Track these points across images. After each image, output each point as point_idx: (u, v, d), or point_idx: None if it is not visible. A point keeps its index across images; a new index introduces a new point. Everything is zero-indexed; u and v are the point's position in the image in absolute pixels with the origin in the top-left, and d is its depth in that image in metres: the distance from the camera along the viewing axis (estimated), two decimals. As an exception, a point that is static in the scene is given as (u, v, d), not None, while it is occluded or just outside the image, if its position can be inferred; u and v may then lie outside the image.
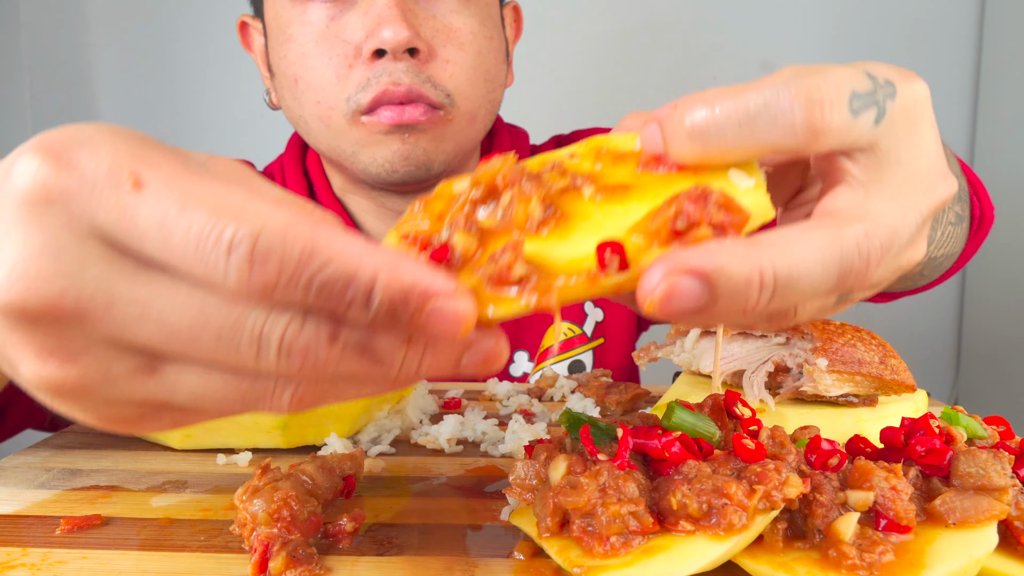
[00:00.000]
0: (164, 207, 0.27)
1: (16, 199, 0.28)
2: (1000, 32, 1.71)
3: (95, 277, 0.28)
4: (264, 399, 0.31)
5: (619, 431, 0.40)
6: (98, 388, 0.29)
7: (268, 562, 0.39)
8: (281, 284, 0.27)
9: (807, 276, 0.30)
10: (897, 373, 0.56)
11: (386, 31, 0.79)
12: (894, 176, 0.35)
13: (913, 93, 0.36)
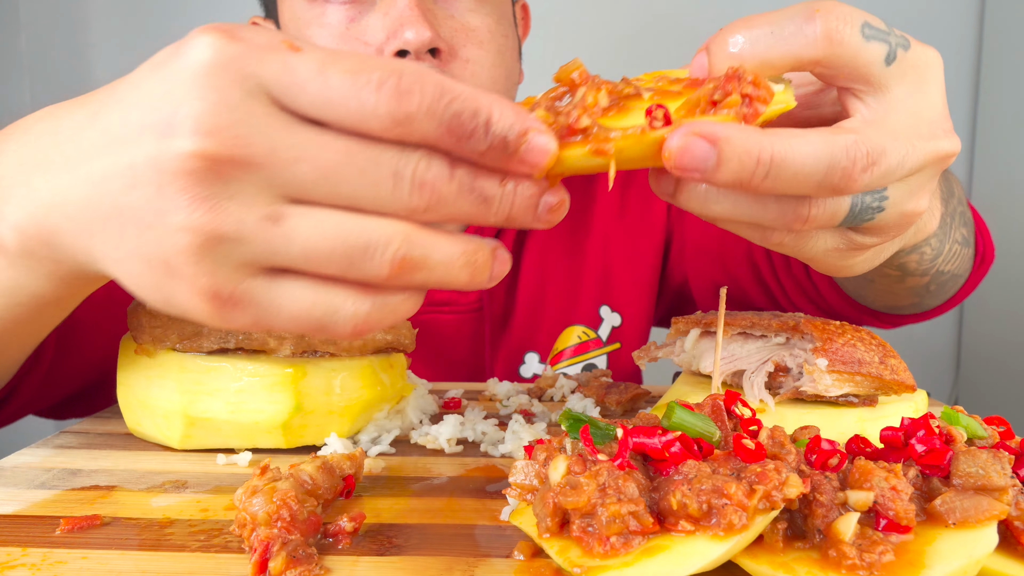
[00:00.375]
0: (320, 60, 0.34)
1: (194, 66, 0.34)
2: (1000, 32, 1.71)
3: (261, 127, 0.34)
4: (374, 249, 0.35)
5: (619, 431, 0.40)
6: (227, 240, 0.34)
7: (268, 562, 0.39)
8: (420, 114, 0.33)
9: (799, 162, 0.37)
10: (897, 373, 0.56)
11: (408, 32, 0.78)
12: (896, 119, 0.40)
13: (926, 54, 0.41)
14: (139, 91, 0.37)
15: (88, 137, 0.39)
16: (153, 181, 0.35)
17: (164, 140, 0.34)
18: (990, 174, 1.73)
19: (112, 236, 0.38)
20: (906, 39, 0.41)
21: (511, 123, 0.34)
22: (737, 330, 0.60)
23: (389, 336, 0.64)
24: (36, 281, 0.46)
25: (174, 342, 0.59)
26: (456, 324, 0.98)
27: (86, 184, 0.38)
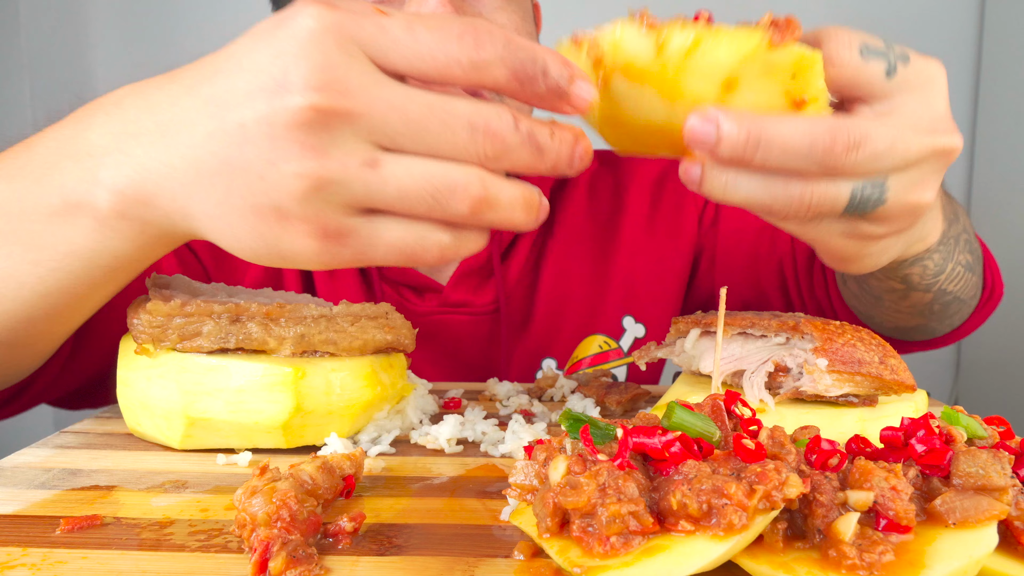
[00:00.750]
0: (407, 20, 0.40)
1: (301, 33, 0.39)
2: (1000, 32, 1.71)
3: (361, 83, 0.39)
4: (456, 190, 0.41)
5: (619, 431, 0.40)
6: (333, 183, 0.40)
7: (268, 562, 0.39)
8: (494, 60, 0.40)
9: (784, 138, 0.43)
10: (897, 373, 0.56)
11: None
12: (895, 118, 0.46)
13: (928, 67, 0.48)
14: (244, 60, 0.42)
15: (188, 106, 0.44)
16: (266, 135, 0.40)
17: (277, 98, 0.39)
18: (990, 174, 1.73)
19: (217, 193, 0.43)
20: (906, 54, 0.46)
21: (562, 70, 0.41)
22: (737, 330, 0.60)
23: (389, 336, 0.64)
24: (121, 243, 0.50)
25: (174, 342, 0.59)
26: (472, 325, 0.97)
27: (189, 148, 0.43)
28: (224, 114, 0.42)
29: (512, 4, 0.86)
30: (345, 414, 0.61)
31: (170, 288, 0.64)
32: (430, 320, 0.96)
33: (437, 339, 0.96)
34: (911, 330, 0.84)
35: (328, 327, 0.61)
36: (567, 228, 1.02)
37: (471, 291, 0.97)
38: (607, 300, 1.01)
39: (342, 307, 0.64)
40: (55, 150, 0.50)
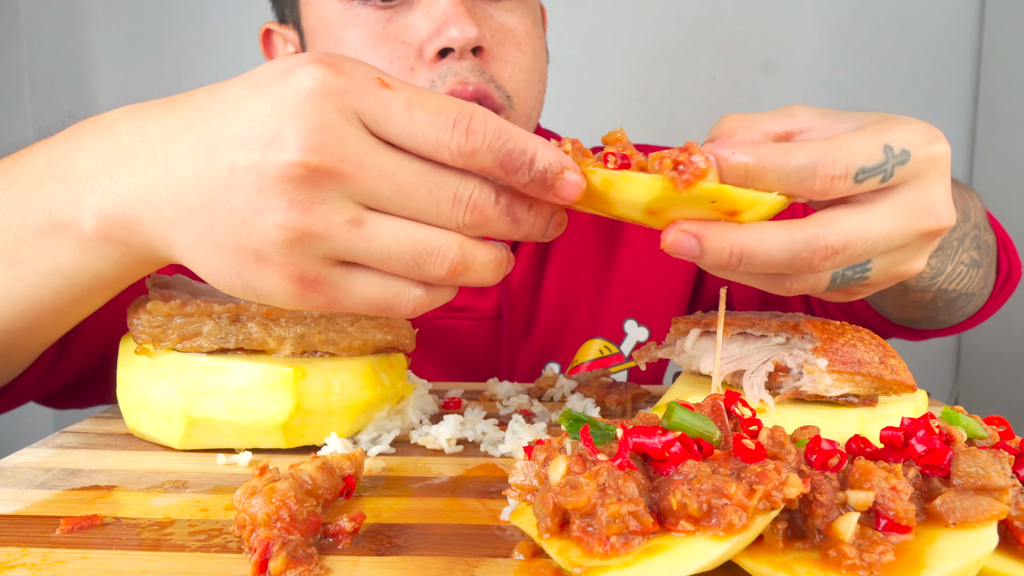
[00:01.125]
0: (407, 97, 0.42)
1: (302, 93, 0.41)
2: (1000, 32, 1.71)
3: (354, 147, 0.41)
4: (436, 255, 0.43)
5: (619, 431, 0.40)
6: (316, 237, 0.42)
7: (268, 562, 0.39)
8: (482, 150, 0.42)
9: (764, 254, 0.45)
10: (897, 373, 0.56)
11: (453, 29, 0.77)
12: (889, 204, 0.47)
13: (930, 155, 0.47)
14: (241, 107, 0.43)
15: (181, 140, 0.45)
16: (254, 184, 0.42)
17: (270, 150, 0.41)
18: (990, 174, 1.73)
19: (199, 228, 0.44)
20: (906, 153, 0.46)
21: (551, 162, 0.43)
22: (737, 330, 0.60)
23: (389, 336, 0.64)
24: (103, 264, 0.51)
25: (174, 342, 0.59)
26: (473, 330, 0.96)
27: (177, 181, 0.45)
28: (216, 155, 0.43)
29: (523, 7, 0.86)
30: (345, 414, 0.61)
31: (170, 288, 0.64)
32: (433, 325, 0.95)
33: (440, 344, 0.96)
34: (919, 320, 0.85)
35: (328, 327, 0.61)
36: (571, 231, 1.02)
37: (474, 295, 0.96)
38: (609, 303, 1.00)
39: (342, 307, 0.64)
40: (44, 168, 0.51)
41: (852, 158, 0.45)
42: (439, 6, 0.79)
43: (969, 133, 1.80)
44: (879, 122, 0.48)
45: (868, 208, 0.47)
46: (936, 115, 1.79)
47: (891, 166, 0.46)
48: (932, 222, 0.48)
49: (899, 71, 1.79)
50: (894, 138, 0.47)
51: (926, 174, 0.48)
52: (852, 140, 0.46)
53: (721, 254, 0.45)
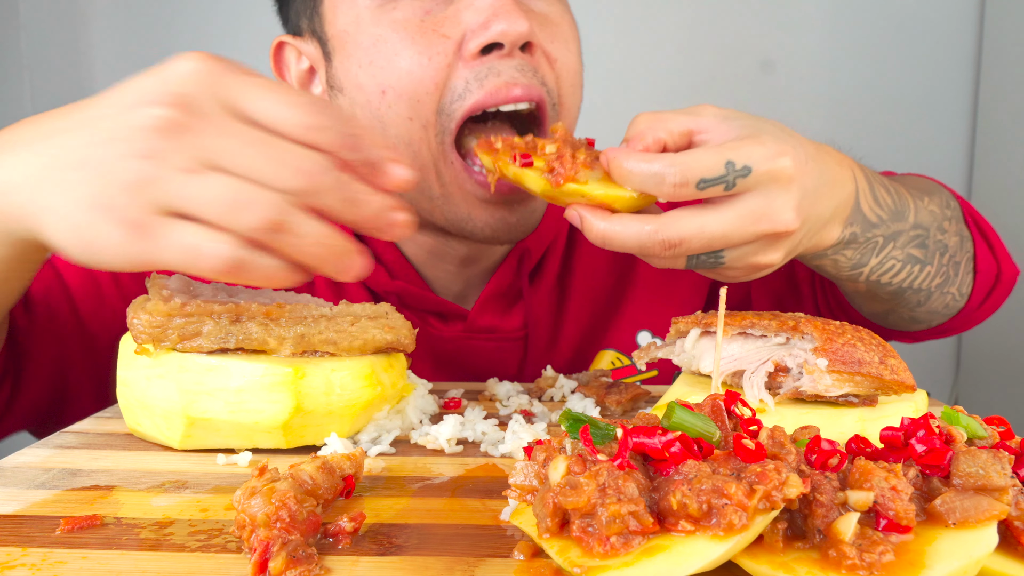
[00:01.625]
0: (269, 85, 0.49)
1: (176, 69, 0.48)
2: (1000, 32, 1.71)
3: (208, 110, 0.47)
4: (251, 206, 0.46)
5: (619, 431, 0.40)
6: (158, 180, 0.46)
7: (268, 562, 0.39)
8: (326, 128, 0.48)
9: (620, 241, 0.60)
10: (897, 373, 0.56)
11: (502, 23, 0.72)
12: (734, 209, 0.58)
13: (768, 171, 0.58)
14: (125, 87, 0.50)
15: (68, 121, 0.51)
16: (121, 138, 0.47)
17: (138, 108, 0.47)
18: (990, 174, 1.73)
19: (66, 186, 0.48)
20: (747, 168, 0.57)
21: (379, 152, 0.50)
22: (737, 330, 0.60)
23: (389, 336, 0.64)
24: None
25: (174, 342, 0.59)
26: (499, 352, 0.94)
27: (58, 149, 0.50)
28: (96, 124, 0.49)
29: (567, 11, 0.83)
30: (345, 414, 0.61)
31: (170, 288, 0.64)
32: (456, 346, 0.93)
33: (463, 365, 0.94)
34: (887, 315, 0.88)
35: (328, 327, 0.61)
36: (589, 244, 1.00)
37: (498, 315, 0.94)
38: (623, 315, 0.99)
39: (342, 307, 0.64)
40: None
41: (693, 171, 0.57)
42: (482, 2, 0.74)
43: (969, 133, 1.80)
44: (742, 137, 0.59)
45: (709, 211, 0.59)
46: (936, 115, 1.79)
47: (732, 178, 0.57)
48: (768, 226, 0.59)
49: (899, 71, 1.79)
50: (740, 155, 0.57)
51: (768, 185, 0.58)
52: (698, 155, 0.57)
53: (592, 234, 0.60)
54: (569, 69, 0.80)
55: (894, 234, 0.75)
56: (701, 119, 0.62)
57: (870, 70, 1.79)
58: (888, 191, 0.75)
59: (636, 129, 0.62)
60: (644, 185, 0.58)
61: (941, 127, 1.79)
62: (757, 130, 0.60)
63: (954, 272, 0.84)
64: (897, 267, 0.78)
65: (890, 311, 0.87)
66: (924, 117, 1.79)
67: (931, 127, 1.79)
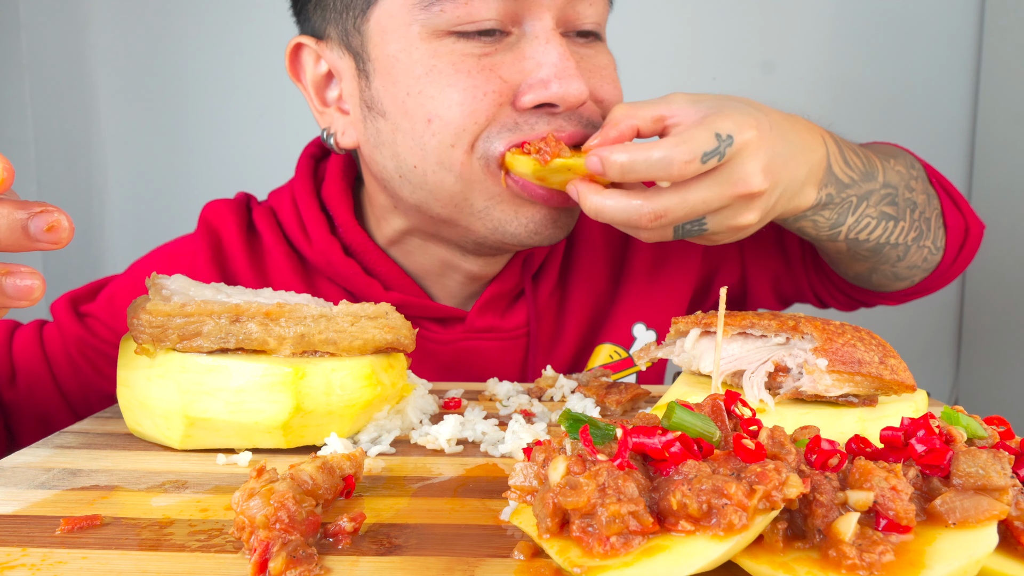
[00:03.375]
0: None
1: None
2: (1000, 32, 1.71)
3: None
4: None
5: (619, 431, 0.40)
6: None
7: (268, 562, 0.39)
8: None
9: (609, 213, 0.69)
10: (897, 373, 0.56)
11: (563, 87, 0.74)
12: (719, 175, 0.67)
13: (743, 139, 0.67)
14: None
15: None
16: None
17: None
18: (990, 174, 1.73)
19: None
20: (731, 137, 0.65)
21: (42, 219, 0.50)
22: (737, 330, 0.60)
23: (389, 336, 0.64)
24: None
25: (174, 342, 0.59)
26: (502, 351, 0.95)
27: None
28: None
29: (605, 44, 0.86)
30: (345, 414, 0.61)
31: (170, 288, 0.64)
32: (456, 348, 0.93)
33: (465, 367, 0.94)
34: (871, 274, 0.93)
35: (328, 327, 0.61)
36: (587, 240, 1.01)
37: (498, 316, 0.94)
38: (619, 308, 1.00)
39: (342, 307, 0.64)
40: None
41: (695, 147, 0.63)
42: (548, 55, 0.75)
43: (969, 133, 1.80)
44: (714, 112, 0.66)
45: (688, 183, 0.66)
46: (936, 115, 1.79)
47: (723, 147, 0.65)
48: (742, 188, 0.67)
49: (899, 71, 1.79)
50: (722, 127, 0.65)
51: (742, 153, 0.66)
52: (694, 133, 0.64)
53: (588, 206, 0.69)
54: (615, 101, 0.82)
55: (866, 194, 0.83)
56: (672, 105, 0.69)
57: (870, 70, 1.79)
58: (857, 154, 0.82)
59: (611, 116, 0.69)
60: (654, 170, 0.64)
61: (941, 127, 1.79)
62: (721, 107, 0.68)
63: (926, 227, 0.91)
64: (872, 224, 0.85)
65: (873, 269, 0.92)
66: (924, 117, 1.79)
67: (931, 127, 1.79)
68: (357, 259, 0.91)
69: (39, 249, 0.50)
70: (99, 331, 0.89)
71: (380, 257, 0.91)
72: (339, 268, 0.90)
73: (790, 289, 1.05)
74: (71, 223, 0.50)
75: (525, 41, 0.77)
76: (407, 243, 0.91)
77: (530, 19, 0.76)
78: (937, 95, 1.79)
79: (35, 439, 0.86)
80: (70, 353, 0.89)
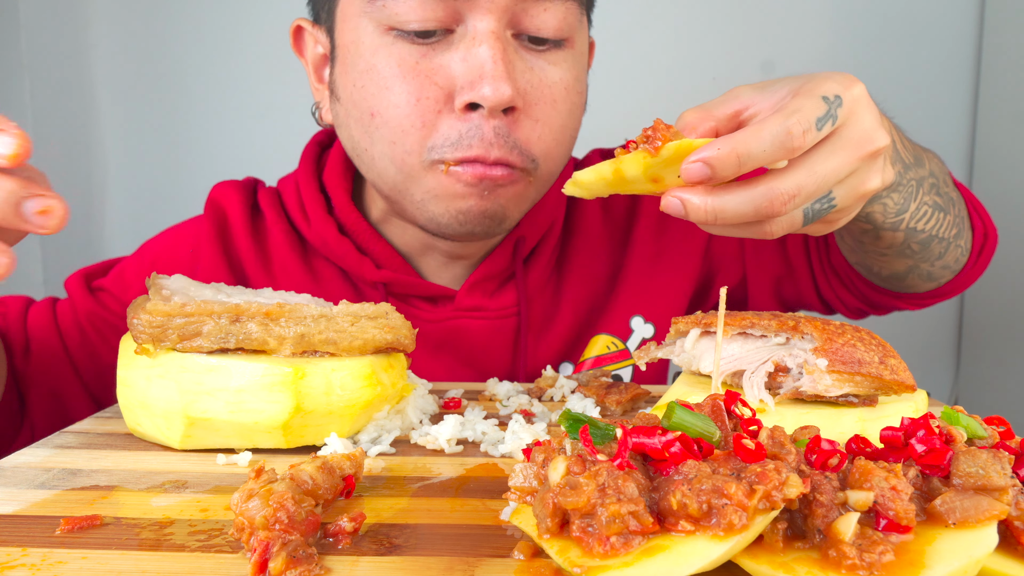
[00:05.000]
0: None
1: None
2: (1000, 32, 1.71)
3: None
4: None
5: (619, 431, 0.40)
6: None
7: (268, 562, 0.39)
8: None
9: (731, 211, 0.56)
10: (897, 373, 0.56)
11: (487, 87, 0.75)
12: (836, 141, 0.58)
13: (852, 97, 0.59)
14: None
15: None
16: None
17: None
18: (990, 174, 1.73)
19: None
20: (839, 98, 0.58)
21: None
22: (737, 330, 0.60)
23: (389, 336, 0.64)
24: None
25: (174, 342, 0.59)
26: (491, 331, 0.95)
27: None
28: None
29: (569, 59, 0.83)
30: (345, 414, 0.61)
31: (170, 288, 0.64)
32: (446, 326, 0.94)
33: (455, 345, 0.95)
34: (908, 274, 0.89)
35: (328, 327, 0.61)
36: (585, 230, 1.02)
37: (486, 296, 0.95)
38: (617, 300, 1.00)
39: (342, 307, 0.64)
40: None
41: (808, 114, 0.56)
42: (478, 56, 0.76)
43: (969, 133, 1.80)
44: (806, 82, 0.59)
45: (811, 154, 0.57)
46: (936, 115, 1.79)
47: (835, 109, 0.57)
48: (870, 145, 0.59)
49: (899, 71, 1.79)
50: (826, 89, 0.58)
51: (855, 110, 0.59)
52: (799, 102, 0.57)
53: (701, 214, 0.56)
54: (552, 128, 0.82)
55: (921, 179, 0.78)
56: (740, 98, 0.63)
57: (870, 70, 1.79)
58: (901, 135, 0.77)
59: (684, 122, 0.62)
60: (772, 151, 0.55)
61: (941, 127, 1.79)
62: (808, 78, 0.61)
63: (962, 224, 0.88)
64: (929, 213, 0.81)
65: (912, 267, 0.88)
66: (924, 117, 1.79)
67: (931, 127, 1.79)
68: (351, 238, 0.94)
69: (27, 230, 0.51)
70: (110, 304, 0.94)
71: (372, 236, 0.93)
72: (333, 247, 0.93)
73: (792, 294, 1.04)
74: (66, 212, 0.50)
75: (463, 42, 0.77)
76: (392, 221, 0.94)
77: (471, 19, 0.77)
78: (937, 95, 1.79)
79: (46, 411, 0.90)
80: (82, 325, 0.93)
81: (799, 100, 0.57)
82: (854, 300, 1.00)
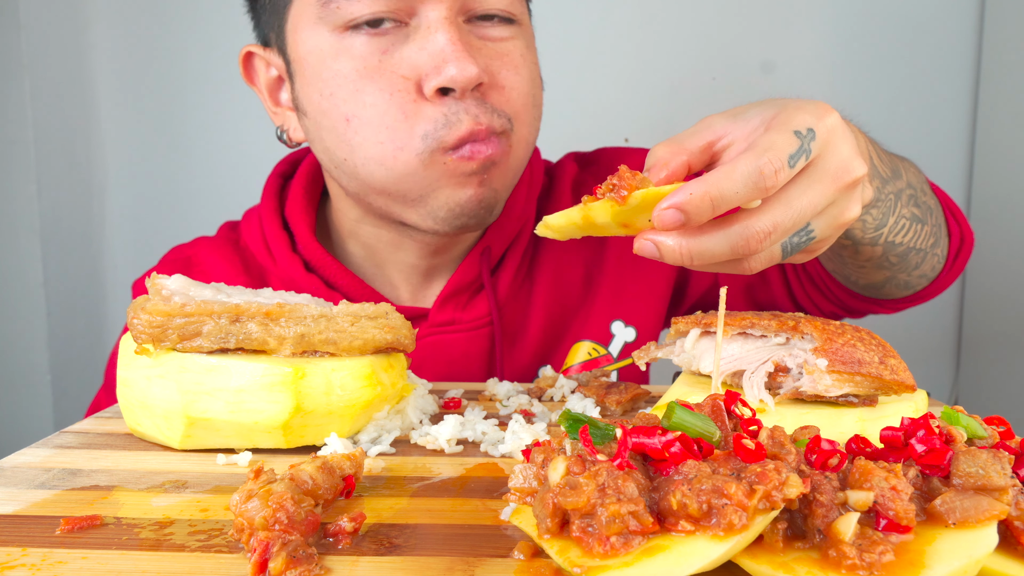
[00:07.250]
0: None
1: None
2: (1000, 32, 1.71)
3: None
4: None
5: (619, 431, 0.40)
6: None
7: (268, 562, 0.39)
8: None
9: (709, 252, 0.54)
10: (897, 373, 0.56)
11: (453, 67, 0.76)
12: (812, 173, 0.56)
13: (826, 128, 0.56)
14: None
15: None
16: None
17: None
18: (990, 174, 1.73)
19: None
20: (812, 131, 0.55)
21: None
22: (737, 330, 0.60)
23: (389, 336, 0.64)
24: None
25: (174, 342, 0.59)
26: (465, 343, 0.96)
27: None
28: None
29: (518, 32, 0.85)
30: (345, 414, 0.61)
31: (170, 288, 0.64)
32: (422, 344, 0.94)
33: (434, 361, 0.95)
34: (885, 284, 0.90)
35: (328, 327, 0.61)
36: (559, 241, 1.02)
37: (459, 309, 0.96)
38: (595, 306, 1.00)
39: (342, 307, 0.64)
40: None
41: (780, 152, 0.53)
42: (436, 43, 0.77)
43: (969, 133, 1.80)
44: (779, 113, 0.57)
45: (787, 189, 0.55)
46: (936, 115, 1.79)
47: (808, 144, 0.55)
48: (847, 176, 0.57)
49: (899, 71, 1.79)
50: (798, 123, 0.55)
51: (831, 141, 0.57)
52: (771, 138, 0.54)
53: (676, 256, 0.55)
54: (519, 92, 0.84)
55: (899, 191, 0.78)
56: (713, 128, 0.61)
57: (870, 70, 1.79)
58: (879, 148, 0.78)
59: (655, 158, 0.59)
60: (745, 191, 0.53)
61: (941, 127, 1.79)
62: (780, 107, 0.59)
63: (939, 232, 0.88)
64: (907, 225, 0.81)
65: (890, 278, 0.89)
66: (924, 117, 1.79)
67: (931, 127, 1.79)
68: (318, 274, 0.94)
69: None
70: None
71: (339, 270, 0.94)
72: (301, 284, 0.93)
73: (765, 298, 1.04)
74: None
75: (419, 32, 0.79)
76: (363, 225, 0.94)
77: (424, 10, 0.79)
78: (937, 95, 1.79)
79: None
80: None
81: (771, 136, 0.55)
82: (829, 305, 1.00)
